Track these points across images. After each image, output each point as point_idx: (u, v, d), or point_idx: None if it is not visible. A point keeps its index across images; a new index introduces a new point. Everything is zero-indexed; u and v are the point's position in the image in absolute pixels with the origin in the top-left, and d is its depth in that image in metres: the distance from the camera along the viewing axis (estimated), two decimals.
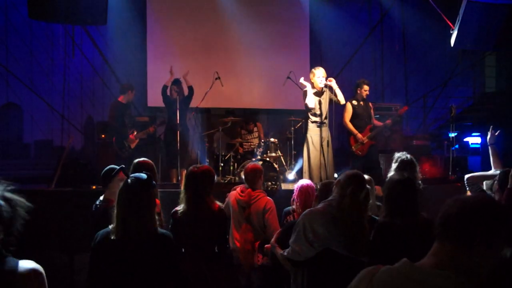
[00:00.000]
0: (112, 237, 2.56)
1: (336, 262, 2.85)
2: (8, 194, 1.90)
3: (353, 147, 7.26)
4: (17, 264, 1.86)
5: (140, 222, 2.55)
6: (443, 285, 1.49)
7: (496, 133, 4.61)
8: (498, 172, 3.91)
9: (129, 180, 2.64)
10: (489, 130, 4.66)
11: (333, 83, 6.62)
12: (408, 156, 4.30)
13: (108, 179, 3.76)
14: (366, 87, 7.38)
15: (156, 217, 2.68)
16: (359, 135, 7.20)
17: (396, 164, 4.27)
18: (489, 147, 4.62)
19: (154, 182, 2.70)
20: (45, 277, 1.91)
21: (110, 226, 2.62)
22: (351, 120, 7.29)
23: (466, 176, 4.22)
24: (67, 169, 7.32)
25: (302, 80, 6.85)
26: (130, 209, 2.55)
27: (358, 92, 7.38)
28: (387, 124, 7.44)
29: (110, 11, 6.95)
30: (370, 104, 7.59)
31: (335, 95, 6.68)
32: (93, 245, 2.63)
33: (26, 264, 1.88)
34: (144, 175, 2.66)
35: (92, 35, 9.42)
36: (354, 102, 7.33)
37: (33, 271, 1.88)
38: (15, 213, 1.89)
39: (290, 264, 3.11)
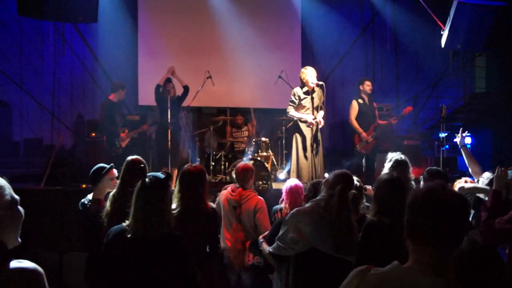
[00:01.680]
0: (128, 235, 2.55)
1: (323, 260, 2.85)
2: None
3: (357, 146, 7.29)
4: (15, 264, 1.77)
5: (160, 222, 2.56)
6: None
7: (465, 134, 4.66)
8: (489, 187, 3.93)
9: (147, 180, 2.62)
10: (459, 132, 4.70)
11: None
12: (402, 156, 4.32)
13: (98, 178, 3.73)
14: (367, 83, 7.40)
15: None
16: (364, 134, 7.22)
17: (390, 164, 4.28)
18: (461, 149, 4.64)
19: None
20: (42, 276, 1.81)
21: (124, 224, 2.60)
22: (357, 118, 7.30)
23: (458, 185, 4.18)
24: (57, 168, 7.27)
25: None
26: (151, 209, 2.55)
27: (361, 89, 7.40)
28: (392, 123, 7.45)
29: (101, 9, 6.91)
30: (375, 104, 7.62)
31: (324, 103, 6.64)
32: (106, 242, 2.62)
33: (16, 264, 1.79)
34: (162, 175, 2.66)
35: (82, 33, 9.35)
36: (360, 101, 7.35)
37: (23, 271, 1.78)
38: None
39: (274, 259, 3.11)
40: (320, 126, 6.49)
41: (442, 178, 3.79)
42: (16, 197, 1.84)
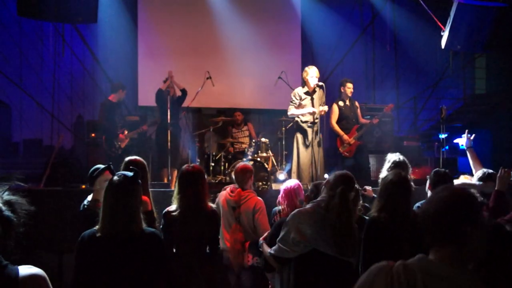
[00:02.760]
0: (98, 235, 2.53)
1: (324, 262, 2.85)
2: (8, 197, 1.81)
3: (340, 149, 7.22)
4: (16, 271, 1.76)
5: (128, 220, 2.53)
6: (461, 281, 1.54)
7: (471, 137, 4.69)
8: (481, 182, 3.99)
9: (115, 178, 2.60)
10: (464, 134, 4.74)
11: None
12: (401, 157, 4.31)
13: (92, 179, 3.71)
14: (349, 85, 7.27)
15: (142, 216, 2.65)
16: (345, 137, 7.14)
17: (389, 164, 4.28)
18: (467, 151, 4.69)
19: (139, 180, 2.67)
20: (47, 280, 1.83)
21: (97, 227, 2.59)
22: (338, 122, 7.23)
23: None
24: (57, 168, 7.26)
25: None
26: (118, 207, 2.53)
27: (342, 91, 7.29)
28: (373, 123, 7.36)
29: (101, 9, 6.90)
30: (357, 103, 7.53)
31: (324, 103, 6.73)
32: (79, 245, 2.59)
33: (25, 270, 1.78)
34: (130, 173, 2.64)
35: (82, 33, 9.35)
36: (340, 103, 7.26)
37: (33, 277, 1.78)
38: (15, 217, 1.80)
39: (275, 261, 3.11)
40: (324, 111, 6.61)
41: (447, 179, 3.76)
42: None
